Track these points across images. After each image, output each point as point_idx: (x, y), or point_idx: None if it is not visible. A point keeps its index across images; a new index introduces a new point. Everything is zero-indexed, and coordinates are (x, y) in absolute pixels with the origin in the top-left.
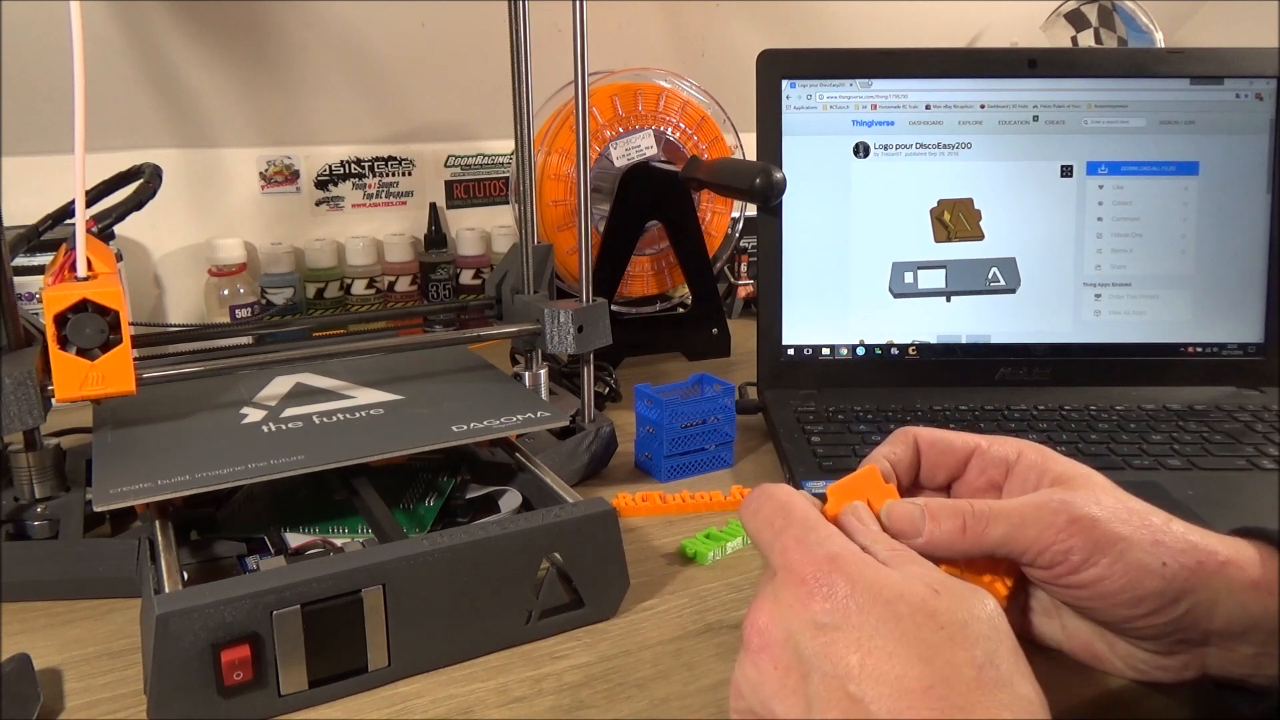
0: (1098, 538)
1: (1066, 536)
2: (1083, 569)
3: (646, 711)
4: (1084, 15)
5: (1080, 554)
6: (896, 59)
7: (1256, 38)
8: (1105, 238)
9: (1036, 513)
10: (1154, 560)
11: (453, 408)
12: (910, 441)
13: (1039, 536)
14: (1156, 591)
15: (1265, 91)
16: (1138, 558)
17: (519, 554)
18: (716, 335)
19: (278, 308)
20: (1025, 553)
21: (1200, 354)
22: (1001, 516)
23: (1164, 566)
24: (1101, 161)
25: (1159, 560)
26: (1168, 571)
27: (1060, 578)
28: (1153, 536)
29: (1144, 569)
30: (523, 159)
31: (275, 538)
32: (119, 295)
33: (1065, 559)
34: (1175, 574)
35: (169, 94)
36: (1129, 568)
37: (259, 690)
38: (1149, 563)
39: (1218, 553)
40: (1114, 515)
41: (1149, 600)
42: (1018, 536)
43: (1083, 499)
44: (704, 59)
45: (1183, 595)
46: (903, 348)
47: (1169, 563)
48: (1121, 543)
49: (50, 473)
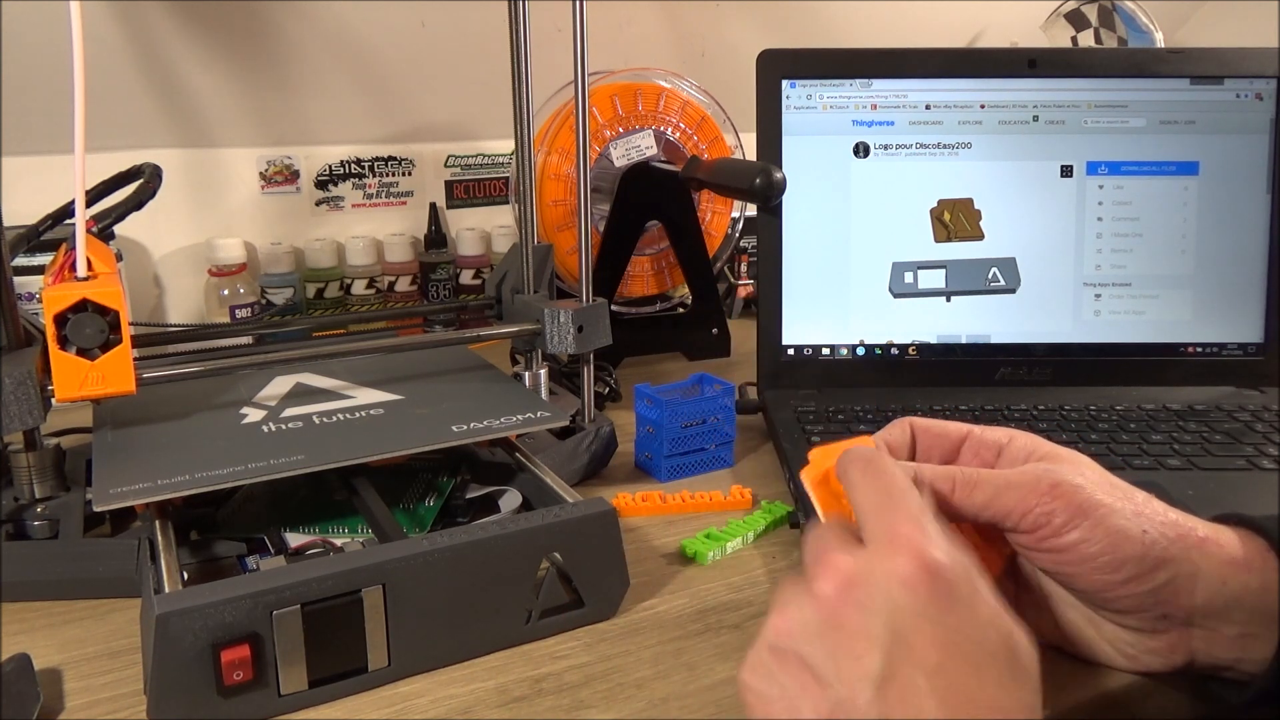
0: (1080, 502)
1: (1049, 500)
2: (1064, 532)
3: (646, 711)
4: (1084, 15)
5: (1062, 516)
6: (896, 59)
7: (1256, 38)
8: (1105, 238)
9: (1020, 477)
10: (1134, 527)
11: (453, 408)
12: (906, 428)
13: (1022, 499)
14: (1136, 557)
15: (1265, 91)
16: (1118, 523)
17: (519, 554)
18: (716, 335)
19: (278, 308)
20: (1009, 516)
21: (1200, 354)
22: (987, 481)
23: (1144, 534)
24: (1101, 161)
25: (1139, 527)
26: (1148, 538)
27: (1042, 541)
28: (1134, 508)
29: (1124, 534)
30: (523, 159)
31: (275, 538)
32: (119, 295)
33: (1048, 522)
34: (1155, 541)
35: (169, 94)
36: (1109, 532)
37: (259, 690)
38: (1129, 528)
39: (1196, 529)
40: (1096, 485)
41: (1129, 565)
42: (1001, 499)
43: (1067, 470)
44: (704, 59)
45: (1162, 563)
46: (903, 348)
47: (1149, 530)
48: (1102, 508)
49: (50, 473)
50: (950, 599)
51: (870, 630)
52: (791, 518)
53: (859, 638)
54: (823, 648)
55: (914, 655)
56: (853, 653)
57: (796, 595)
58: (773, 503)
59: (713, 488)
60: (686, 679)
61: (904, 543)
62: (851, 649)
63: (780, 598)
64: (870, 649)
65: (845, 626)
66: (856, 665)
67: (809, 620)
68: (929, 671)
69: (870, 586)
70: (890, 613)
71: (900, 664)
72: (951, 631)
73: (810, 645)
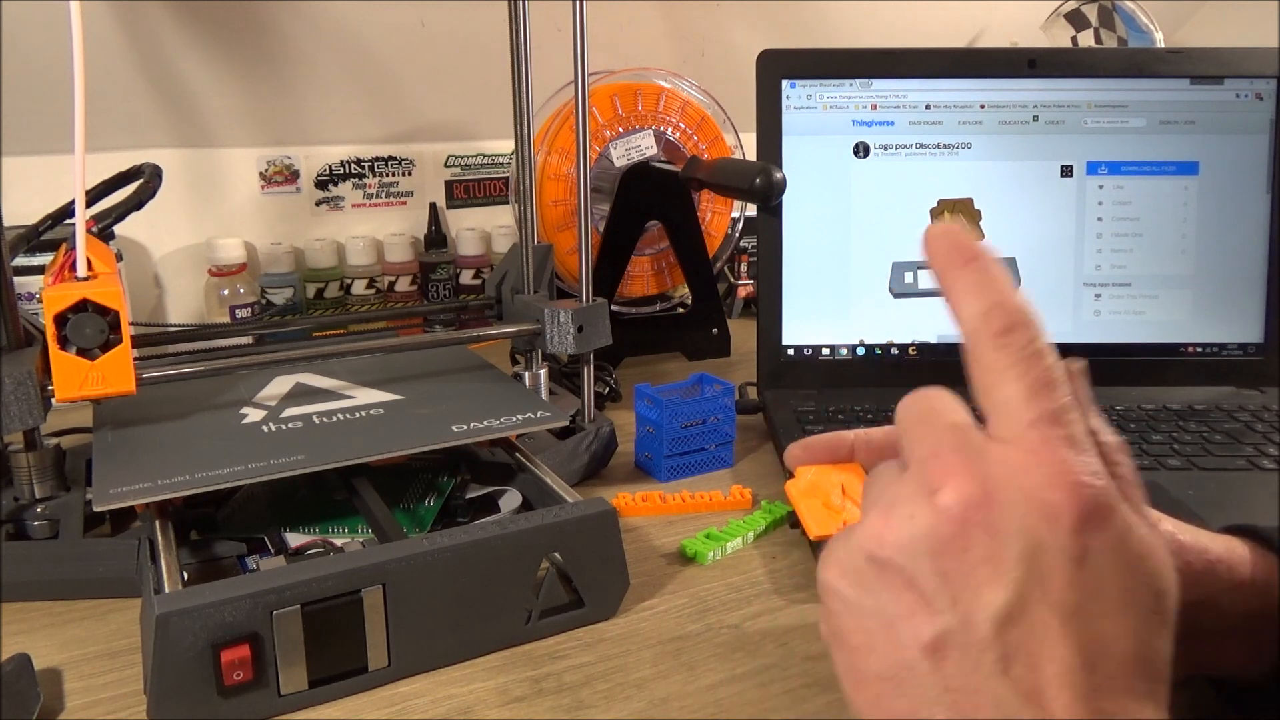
0: None
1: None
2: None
3: (646, 711)
4: (1084, 15)
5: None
6: (896, 59)
7: (1256, 38)
8: (1105, 238)
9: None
10: None
11: (453, 408)
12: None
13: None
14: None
15: (1265, 91)
16: None
17: (519, 554)
18: (716, 335)
19: (278, 308)
20: None
21: (1200, 354)
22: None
23: None
24: (1101, 161)
25: None
26: None
27: None
28: None
29: None
30: (523, 159)
31: (275, 538)
32: (119, 295)
33: None
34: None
35: (169, 94)
36: None
37: (259, 690)
38: None
39: (1207, 551)
40: None
41: None
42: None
43: None
44: (704, 59)
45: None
46: (903, 348)
47: None
48: None
49: (50, 473)
50: (1101, 534)
51: (1001, 559)
52: (791, 518)
53: (986, 565)
54: (937, 569)
55: (1050, 594)
56: (974, 580)
57: (909, 499)
58: (773, 503)
59: (713, 488)
60: (686, 679)
61: (1055, 463)
62: (974, 577)
63: (884, 496)
64: (998, 580)
65: (970, 550)
66: (978, 596)
67: (924, 534)
68: (1065, 614)
69: (1007, 509)
70: (1028, 544)
71: (1033, 602)
72: (1095, 572)
73: (923, 563)
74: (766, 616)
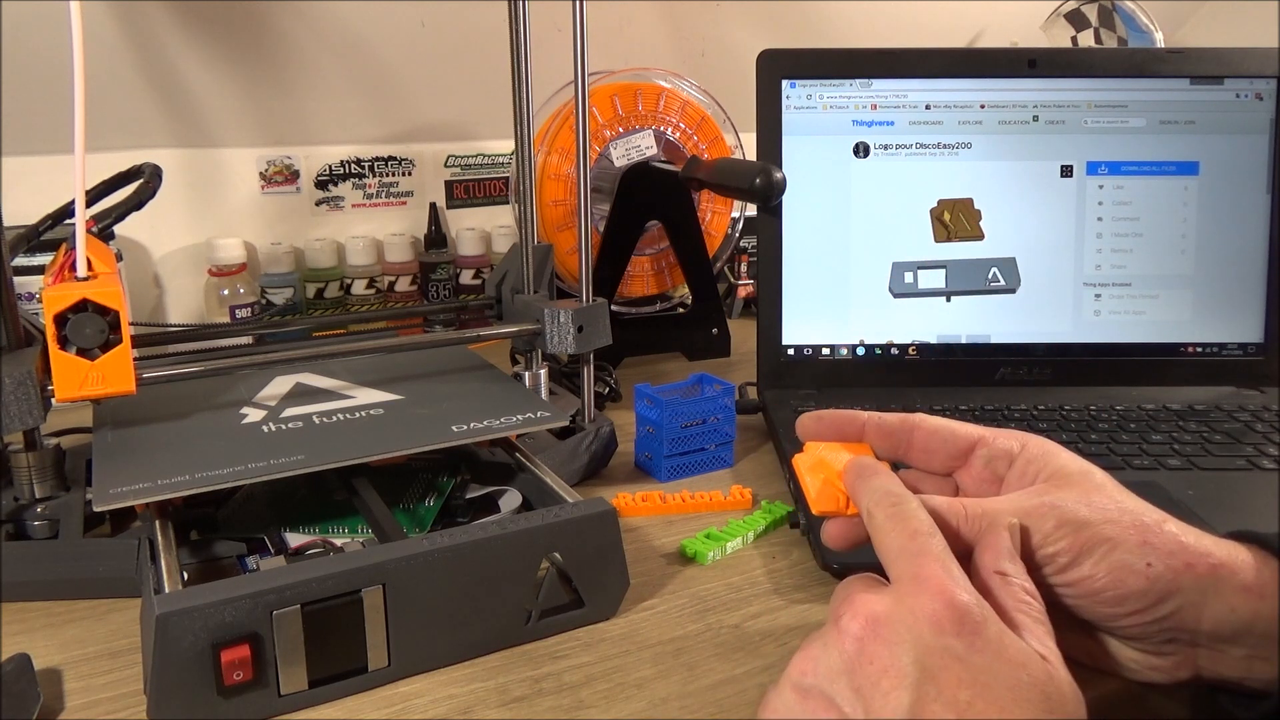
0: (1084, 540)
1: (1054, 540)
2: (1068, 569)
3: (646, 711)
4: (1084, 15)
5: (1066, 556)
6: (896, 59)
7: (1256, 38)
8: (1105, 238)
9: (1025, 519)
10: (1139, 561)
11: (453, 408)
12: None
13: (1027, 540)
14: (1140, 591)
15: (1265, 91)
16: (1122, 558)
17: (519, 554)
18: (716, 335)
19: (278, 308)
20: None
21: (1200, 354)
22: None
23: (1149, 567)
24: (1101, 161)
25: (1144, 561)
26: (1152, 572)
27: (1047, 577)
28: (1141, 537)
29: (1128, 569)
30: (523, 159)
31: (275, 538)
32: (119, 295)
33: (1052, 560)
34: (1160, 575)
35: (169, 94)
36: (1113, 567)
37: (259, 690)
38: (1133, 563)
39: (1210, 554)
40: (1103, 516)
41: (1132, 599)
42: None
43: (1072, 501)
44: (704, 59)
45: (1168, 595)
46: (903, 348)
47: (1154, 563)
48: (1106, 544)
49: (50, 473)
50: (978, 638)
51: (898, 667)
52: (791, 518)
53: (887, 674)
54: (850, 685)
55: (943, 693)
56: (880, 689)
57: (822, 635)
58: (773, 503)
59: (713, 488)
60: (686, 679)
61: (930, 583)
62: (879, 686)
63: (805, 642)
64: (898, 686)
65: (873, 663)
66: (885, 702)
67: (836, 658)
68: (959, 708)
69: (897, 624)
70: (918, 650)
71: (929, 701)
72: (980, 671)
73: (837, 683)
74: (766, 616)
